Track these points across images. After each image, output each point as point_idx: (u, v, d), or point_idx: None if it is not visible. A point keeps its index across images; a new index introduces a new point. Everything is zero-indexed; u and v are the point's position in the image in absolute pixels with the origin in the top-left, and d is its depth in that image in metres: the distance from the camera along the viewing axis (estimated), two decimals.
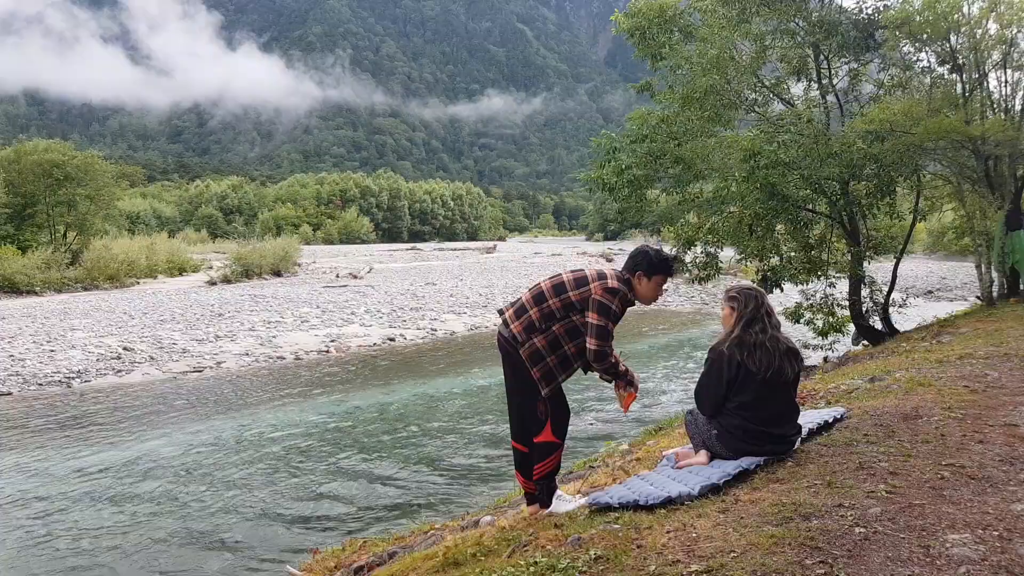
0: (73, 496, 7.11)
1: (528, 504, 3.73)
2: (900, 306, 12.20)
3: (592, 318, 3.42)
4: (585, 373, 3.65)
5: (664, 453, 4.17)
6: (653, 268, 3.55)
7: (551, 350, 3.49)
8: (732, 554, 2.47)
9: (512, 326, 3.53)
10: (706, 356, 3.74)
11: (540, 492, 3.59)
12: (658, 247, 3.75)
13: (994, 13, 10.22)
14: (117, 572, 5.56)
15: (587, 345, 3.43)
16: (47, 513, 6.69)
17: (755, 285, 3.88)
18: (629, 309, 3.59)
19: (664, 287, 3.65)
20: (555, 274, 3.63)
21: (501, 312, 3.66)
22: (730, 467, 3.40)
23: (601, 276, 3.51)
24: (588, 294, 3.45)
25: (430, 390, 11.82)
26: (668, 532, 2.74)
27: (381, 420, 9.98)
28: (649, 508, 3.10)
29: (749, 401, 3.51)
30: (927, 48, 10.91)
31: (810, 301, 11.69)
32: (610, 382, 3.60)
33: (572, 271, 3.61)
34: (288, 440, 9.03)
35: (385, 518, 6.47)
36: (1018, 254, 10.46)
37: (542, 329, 3.48)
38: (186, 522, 6.44)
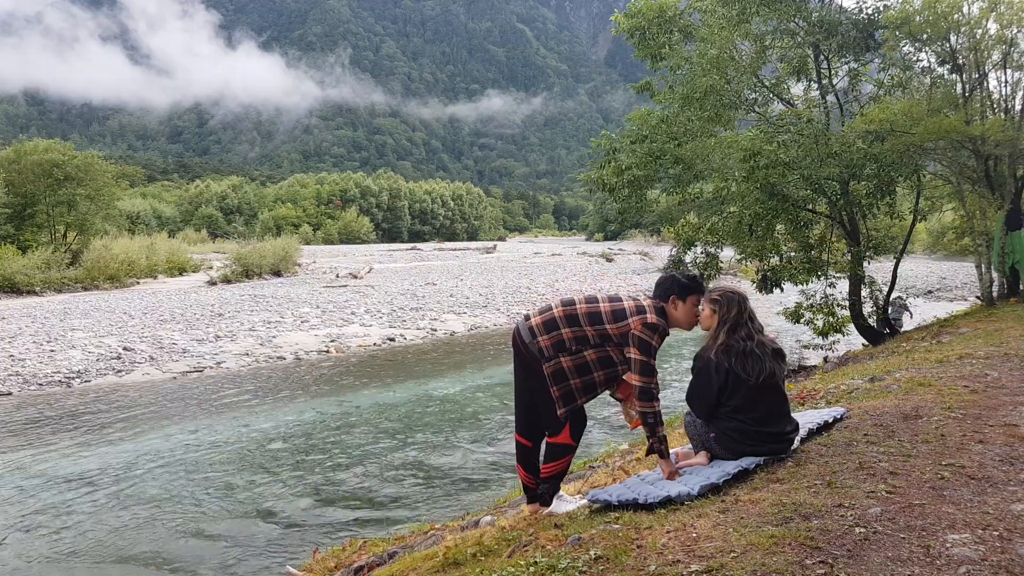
0: (73, 496, 7.11)
1: (528, 502, 3.73)
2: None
3: (634, 354, 3.37)
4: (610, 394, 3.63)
5: None
6: (685, 289, 3.52)
7: (577, 373, 3.44)
8: (732, 554, 2.47)
9: (540, 339, 3.44)
10: (693, 363, 3.72)
11: (543, 491, 3.60)
12: (683, 271, 3.73)
13: (994, 13, 10.23)
14: (117, 571, 5.56)
15: (632, 382, 3.39)
16: (47, 513, 6.69)
17: (737, 288, 3.84)
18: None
19: (700, 309, 3.62)
20: (590, 297, 3.54)
21: (527, 317, 3.56)
22: (730, 467, 3.40)
23: (640, 310, 3.43)
24: (627, 329, 3.39)
25: (430, 390, 11.82)
26: (668, 532, 2.74)
27: (381, 420, 9.98)
28: (649, 507, 3.10)
29: (742, 404, 3.50)
30: (927, 48, 10.91)
31: (810, 301, 11.70)
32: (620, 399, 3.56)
33: (609, 300, 3.51)
34: (288, 440, 9.03)
35: (385, 518, 6.47)
36: (1018, 254, 10.46)
37: (572, 351, 3.43)
38: (185, 522, 6.44)
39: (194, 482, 7.50)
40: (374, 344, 16.27)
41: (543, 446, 3.61)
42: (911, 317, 12.53)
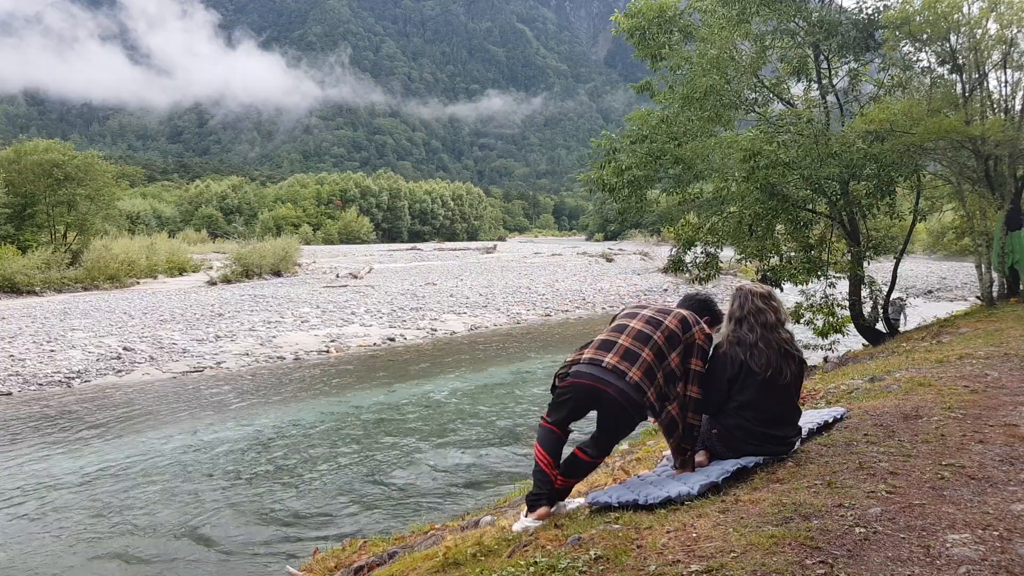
0: (73, 496, 7.11)
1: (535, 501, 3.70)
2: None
3: (697, 366, 3.36)
4: None
5: (664, 453, 4.17)
6: (717, 320, 3.67)
7: (682, 416, 3.40)
8: (732, 554, 2.47)
9: (648, 393, 3.24)
10: (711, 353, 3.75)
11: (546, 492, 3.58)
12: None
13: (994, 13, 10.23)
14: (116, 570, 5.56)
15: (689, 393, 3.33)
16: (47, 513, 6.69)
17: (750, 284, 3.88)
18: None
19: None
20: (649, 319, 3.40)
21: (622, 375, 3.23)
22: (729, 464, 3.40)
23: (696, 319, 3.46)
24: (692, 340, 3.39)
25: (430, 390, 11.82)
26: (668, 532, 2.74)
27: (380, 420, 9.98)
28: (649, 508, 3.10)
29: (750, 401, 3.51)
30: (927, 48, 10.91)
31: (810, 301, 11.68)
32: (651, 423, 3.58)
33: (664, 313, 3.45)
34: (288, 440, 9.03)
35: (385, 518, 6.47)
36: (1018, 254, 10.46)
37: (669, 396, 3.35)
38: (185, 522, 6.44)
39: (194, 482, 7.50)
40: (374, 344, 16.27)
41: (569, 456, 3.47)
42: (905, 314, 12.57)
